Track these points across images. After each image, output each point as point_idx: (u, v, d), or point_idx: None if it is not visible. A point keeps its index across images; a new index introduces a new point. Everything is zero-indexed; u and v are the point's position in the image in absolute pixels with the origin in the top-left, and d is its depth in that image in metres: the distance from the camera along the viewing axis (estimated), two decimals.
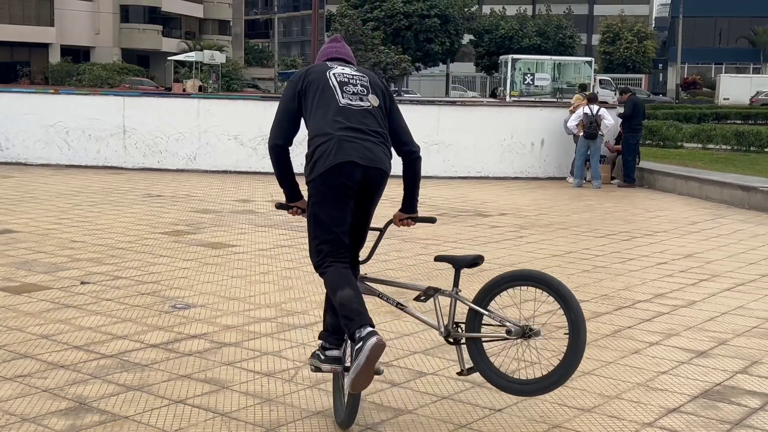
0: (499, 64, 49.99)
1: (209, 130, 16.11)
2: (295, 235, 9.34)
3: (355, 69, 4.24)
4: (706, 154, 20.17)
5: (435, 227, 10.17)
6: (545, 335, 4.16)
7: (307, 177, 3.98)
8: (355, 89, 4.11)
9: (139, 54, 62.76)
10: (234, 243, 8.88)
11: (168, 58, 57.85)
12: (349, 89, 4.09)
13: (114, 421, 4.10)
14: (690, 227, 11.01)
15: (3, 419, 4.09)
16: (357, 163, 3.90)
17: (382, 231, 4.35)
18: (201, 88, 43.17)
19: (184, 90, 39.75)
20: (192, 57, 50.43)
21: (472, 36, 67.29)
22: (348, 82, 4.12)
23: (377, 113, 4.10)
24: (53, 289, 6.66)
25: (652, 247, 9.39)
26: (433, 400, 4.54)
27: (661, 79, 78.44)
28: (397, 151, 4.22)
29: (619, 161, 16.18)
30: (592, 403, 4.55)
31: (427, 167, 16.08)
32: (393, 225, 4.38)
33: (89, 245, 8.52)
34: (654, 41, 70.74)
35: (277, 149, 4.15)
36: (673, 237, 10.18)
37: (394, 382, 4.79)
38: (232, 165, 16.12)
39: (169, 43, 64.13)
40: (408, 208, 4.34)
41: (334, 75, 4.13)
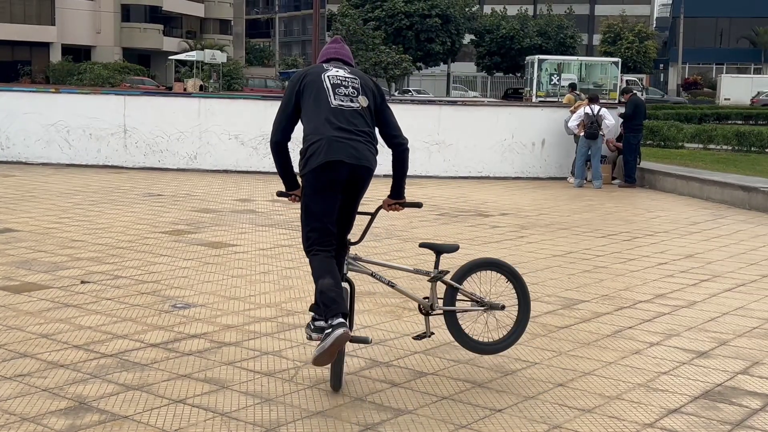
0: (525, 64, 49.72)
1: (210, 129, 16.10)
2: (296, 235, 9.32)
3: (349, 71, 4.68)
4: (707, 154, 20.16)
5: (436, 227, 10.19)
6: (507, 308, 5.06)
7: (301, 171, 4.49)
8: (347, 91, 4.55)
9: (140, 53, 62.73)
10: (234, 242, 8.88)
11: (169, 57, 57.92)
12: (341, 91, 4.53)
13: (114, 421, 4.10)
14: (691, 227, 11.00)
15: (2, 419, 4.08)
16: (344, 162, 4.37)
17: (372, 215, 4.85)
18: (202, 87, 43.21)
19: (184, 89, 39.82)
20: (193, 56, 50.49)
21: (473, 36, 67.30)
22: (341, 84, 4.56)
23: (366, 113, 4.55)
24: (53, 289, 6.66)
25: (652, 248, 9.39)
26: (434, 400, 4.53)
27: (662, 80, 78.41)
28: (388, 144, 4.71)
29: (620, 161, 16.16)
30: (592, 404, 4.55)
31: (428, 167, 16.22)
32: (382, 210, 4.87)
33: (89, 244, 8.52)
34: (655, 41, 70.70)
35: (277, 145, 4.62)
36: (674, 237, 10.18)
37: (394, 382, 4.79)
38: (232, 164, 16.11)
39: (170, 43, 64.12)
40: (395, 194, 4.84)
41: (328, 77, 4.57)
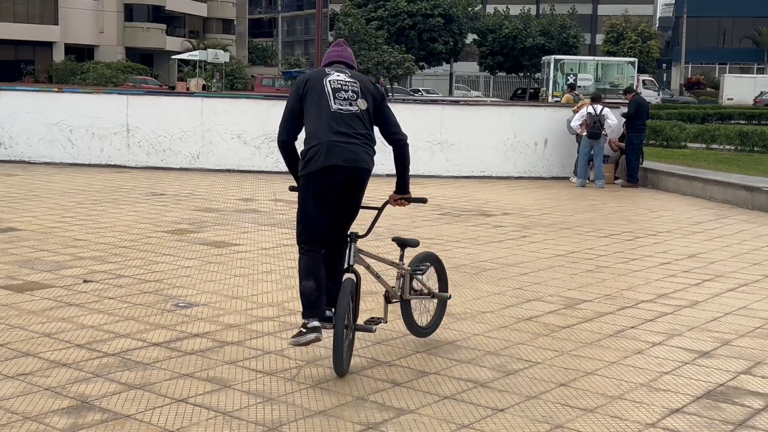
0: (542, 64, 49.62)
1: (213, 128, 16.10)
2: None
3: (349, 75, 4.91)
4: (709, 154, 20.14)
5: (438, 227, 10.19)
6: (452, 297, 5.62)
7: (300, 172, 4.73)
8: (346, 95, 4.79)
9: (143, 53, 62.79)
10: (237, 242, 8.88)
11: (172, 56, 58.00)
12: (341, 95, 4.78)
13: (116, 420, 4.10)
14: (693, 227, 10.99)
15: (5, 418, 4.09)
16: (341, 165, 4.64)
17: (379, 210, 5.10)
18: (205, 86, 43.26)
19: (187, 89, 39.90)
20: (196, 56, 50.58)
21: (475, 35, 67.15)
22: (341, 88, 4.80)
23: (364, 116, 4.81)
24: (56, 288, 6.67)
25: (655, 247, 9.38)
26: (435, 399, 4.53)
27: (665, 79, 78.32)
28: (388, 141, 4.98)
29: (623, 161, 16.14)
30: (594, 404, 4.54)
31: (431, 166, 16.22)
32: (389, 205, 5.12)
33: (92, 243, 8.52)
34: (658, 41, 70.57)
35: (285, 144, 4.93)
36: (677, 237, 10.17)
37: (396, 381, 4.79)
38: (235, 164, 16.11)
39: (173, 42, 64.17)
40: (400, 189, 5.07)
41: (329, 82, 4.82)
